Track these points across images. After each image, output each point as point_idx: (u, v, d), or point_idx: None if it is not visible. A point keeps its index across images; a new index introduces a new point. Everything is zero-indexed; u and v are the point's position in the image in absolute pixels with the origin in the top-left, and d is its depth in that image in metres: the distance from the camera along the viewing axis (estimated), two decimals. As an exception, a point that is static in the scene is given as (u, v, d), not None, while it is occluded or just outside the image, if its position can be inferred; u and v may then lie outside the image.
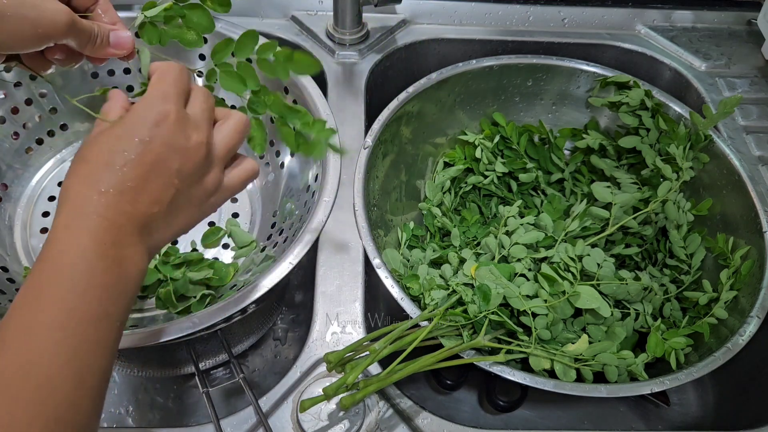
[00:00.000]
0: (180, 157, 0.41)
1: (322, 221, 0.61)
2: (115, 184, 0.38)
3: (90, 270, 0.36)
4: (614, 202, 0.64)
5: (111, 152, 0.39)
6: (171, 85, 0.42)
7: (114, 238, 0.38)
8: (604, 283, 0.59)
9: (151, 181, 0.40)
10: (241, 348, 0.71)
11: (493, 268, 0.58)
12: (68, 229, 0.37)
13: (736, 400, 0.69)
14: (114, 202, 0.38)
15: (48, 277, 0.36)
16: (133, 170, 0.39)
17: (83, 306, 0.36)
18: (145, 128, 0.39)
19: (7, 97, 0.70)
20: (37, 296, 0.35)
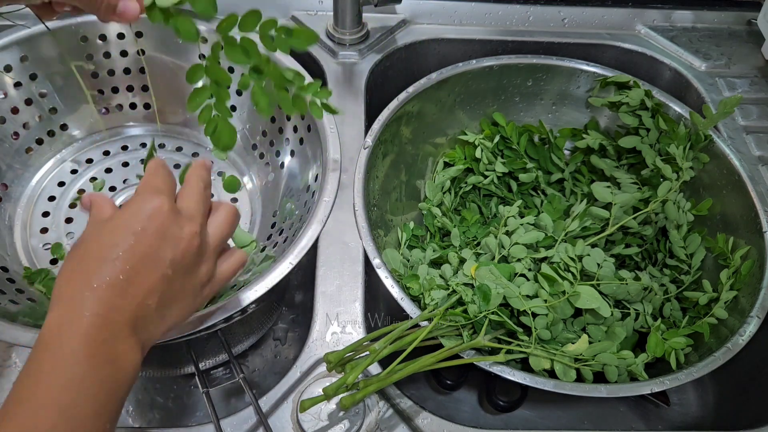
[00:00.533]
0: (173, 248, 0.40)
1: (322, 221, 0.61)
2: (107, 277, 0.38)
3: (82, 371, 0.36)
4: (614, 202, 0.64)
5: (102, 246, 0.39)
6: (163, 180, 0.43)
7: (106, 336, 0.37)
8: (604, 283, 0.59)
9: (144, 272, 0.39)
10: (241, 348, 0.71)
11: (493, 268, 0.58)
12: (59, 329, 0.37)
13: (736, 400, 0.69)
14: (106, 297, 0.37)
15: (38, 380, 0.35)
16: (124, 262, 0.38)
17: (76, 407, 0.35)
18: (138, 221, 0.40)
19: (7, 97, 0.70)
20: (29, 398, 0.35)
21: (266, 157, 0.75)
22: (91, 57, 0.74)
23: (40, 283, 0.63)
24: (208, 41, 0.75)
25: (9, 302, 0.59)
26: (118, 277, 0.38)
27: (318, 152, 0.67)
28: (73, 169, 0.75)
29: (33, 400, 0.35)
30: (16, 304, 0.59)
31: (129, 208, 0.41)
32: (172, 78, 0.77)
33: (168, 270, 0.40)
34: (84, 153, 0.76)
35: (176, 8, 0.48)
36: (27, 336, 0.52)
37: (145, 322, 0.40)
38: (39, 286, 0.63)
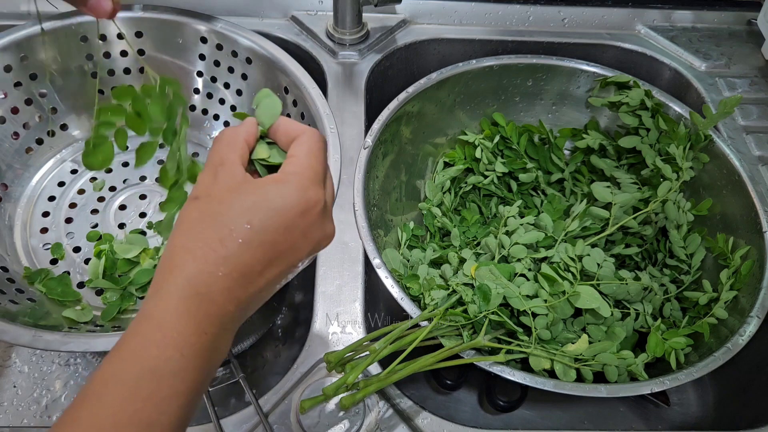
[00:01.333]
0: (311, 248, 0.37)
1: (322, 221, 0.61)
2: (240, 266, 0.33)
3: (182, 373, 0.32)
4: (614, 202, 0.64)
5: (246, 227, 0.34)
6: (321, 164, 0.37)
7: (217, 329, 0.33)
8: (604, 283, 0.59)
9: (275, 267, 0.35)
10: (241, 348, 0.71)
11: (493, 268, 0.58)
12: (168, 310, 0.32)
13: (736, 400, 0.69)
14: (232, 287, 0.33)
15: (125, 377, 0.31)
16: (264, 253, 0.34)
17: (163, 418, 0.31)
18: (290, 213, 0.35)
19: (7, 97, 0.70)
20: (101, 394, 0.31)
21: (266, 157, 0.75)
22: (91, 57, 0.74)
23: (40, 283, 0.63)
24: (208, 41, 0.75)
25: (9, 302, 0.59)
26: (254, 267, 0.34)
27: (318, 152, 0.67)
28: (73, 169, 0.75)
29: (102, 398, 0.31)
30: (16, 304, 0.59)
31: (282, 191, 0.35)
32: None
33: (297, 266, 0.37)
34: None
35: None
36: (27, 336, 0.52)
37: (250, 311, 0.37)
38: (39, 286, 0.63)
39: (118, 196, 0.73)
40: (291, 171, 0.36)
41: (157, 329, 0.32)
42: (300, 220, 0.35)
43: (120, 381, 0.31)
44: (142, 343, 0.32)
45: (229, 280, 0.33)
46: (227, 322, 0.34)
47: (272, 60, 0.72)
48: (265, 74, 0.73)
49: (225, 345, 0.35)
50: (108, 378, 0.31)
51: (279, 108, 0.40)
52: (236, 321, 0.35)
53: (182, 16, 0.74)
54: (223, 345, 0.34)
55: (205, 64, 0.76)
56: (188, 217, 0.35)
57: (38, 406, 0.64)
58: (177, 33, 0.75)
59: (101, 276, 0.64)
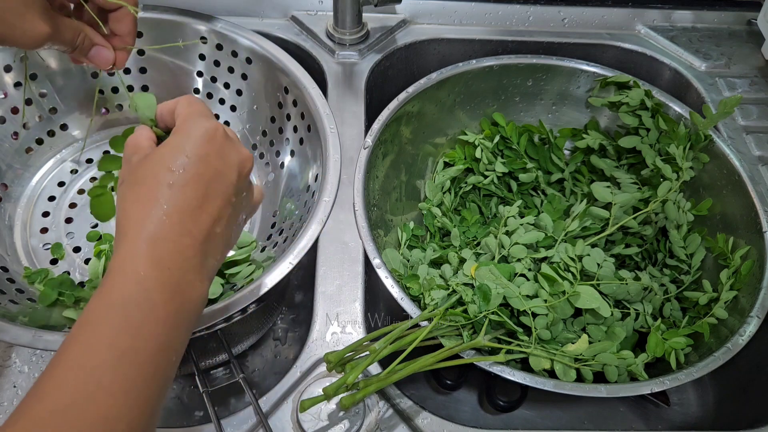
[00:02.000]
0: (235, 172, 0.40)
1: (322, 221, 0.61)
2: (179, 203, 0.37)
3: (148, 304, 0.35)
4: (614, 202, 0.64)
5: (169, 171, 0.37)
6: (202, 106, 0.42)
7: (178, 264, 0.36)
8: (604, 283, 0.59)
9: (212, 198, 0.38)
10: (241, 348, 0.71)
11: (493, 268, 0.58)
12: (126, 259, 0.35)
13: (736, 400, 0.69)
14: (178, 222, 0.36)
15: (99, 315, 0.34)
16: (195, 188, 0.37)
17: (139, 344, 0.34)
18: (198, 144, 0.38)
19: (7, 97, 0.70)
20: (88, 336, 0.34)
21: (266, 157, 0.75)
22: (91, 57, 0.74)
23: (40, 283, 0.63)
24: (208, 41, 0.75)
25: (9, 302, 0.59)
26: (191, 201, 0.37)
27: (318, 152, 0.67)
28: (73, 169, 0.75)
29: (92, 334, 0.34)
30: (16, 304, 0.59)
31: (184, 133, 0.39)
32: (172, 78, 0.77)
33: (232, 195, 0.40)
34: (84, 153, 0.76)
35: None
36: (27, 336, 0.52)
37: (213, 250, 0.39)
38: (39, 286, 0.63)
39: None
40: (180, 120, 0.41)
41: (119, 273, 0.35)
42: (209, 146, 0.39)
43: (91, 319, 0.34)
44: (107, 286, 0.35)
45: (174, 218, 0.36)
46: (188, 257, 0.37)
47: (272, 60, 0.72)
48: (265, 74, 0.73)
49: (195, 287, 0.37)
50: (83, 320, 0.34)
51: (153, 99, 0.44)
52: (200, 257, 0.38)
53: (182, 16, 0.74)
54: (192, 286, 0.37)
55: (205, 64, 0.76)
56: (121, 194, 0.38)
57: (38, 406, 0.64)
58: (177, 33, 0.75)
59: (101, 276, 0.64)
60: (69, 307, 0.61)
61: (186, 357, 0.61)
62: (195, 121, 0.40)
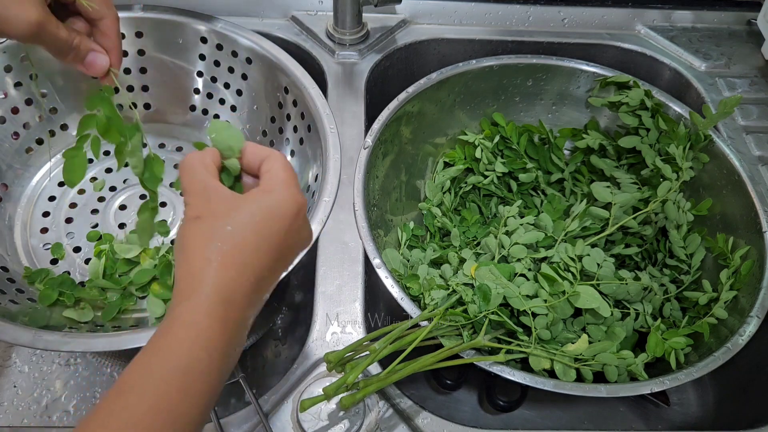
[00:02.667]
0: (302, 247, 0.42)
1: (322, 221, 0.61)
2: (258, 270, 0.37)
3: (209, 374, 0.35)
4: (614, 202, 0.64)
5: (258, 235, 0.38)
6: (295, 174, 0.42)
7: (237, 332, 0.37)
8: (604, 283, 0.59)
9: (280, 268, 0.40)
10: (241, 348, 0.71)
11: (493, 268, 0.58)
12: (199, 314, 0.35)
13: (736, 399, 0.69)
14: (252, 290, 0.37)
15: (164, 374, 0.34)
16: (272, 258, 0.38)
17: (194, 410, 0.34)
18: (290, 217, 0.39)
19: (7, 97, 0.70)
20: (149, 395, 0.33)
21: (266, 157, 0.75)
22: (91, 57, 0.74)
23: (40, 283, 0.63)
24: (208, 41, 0.75)
25: (9, 302, 0.59)
26: (267, 270, 0.38)
27: (318, 152, 0.67)
28: (73, 169, 0.75)
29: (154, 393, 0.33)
30: (16, 304, 0.59)
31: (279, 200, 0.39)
32: (172, 78, 0.77)
33: (290, 264, 0.42)
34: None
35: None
36: (27, 336, 0.52)
37: (257, 311, 0.40)
38: (39, 286, 0.63)
39: (118, 196, 0.73)
40: (276, 182, 0.40)
41: (189, 331, 0.35)
42: (294, 223, 0.40)
43: (154, 376, 0.33)
44: (175, 343, 0.34)
45: (248, 285, 0.37)
46: (245, 324, 0.38)
47: (272, 60, 0.72)
48: (265, 74, 0.73)
49: (241, 346, 0.38)
50: (142, 373, 0.34)
51: (241, 134, 0.44)
52: (249, 322, 0.39)
53: (182, 16, 0.74)
54: (240, 346, 0.38)
55: (205, 64, 0.76)
56: (199, 231, 0.38)
57: (38, 406, 0.64)
58: (177, 33, 0.75)
59: (101, 276, 0.64)
60: (69, 307, 0.61)
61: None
62: (291, 191, 0.40)
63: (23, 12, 0.44)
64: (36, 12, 0.45)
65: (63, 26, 0.48)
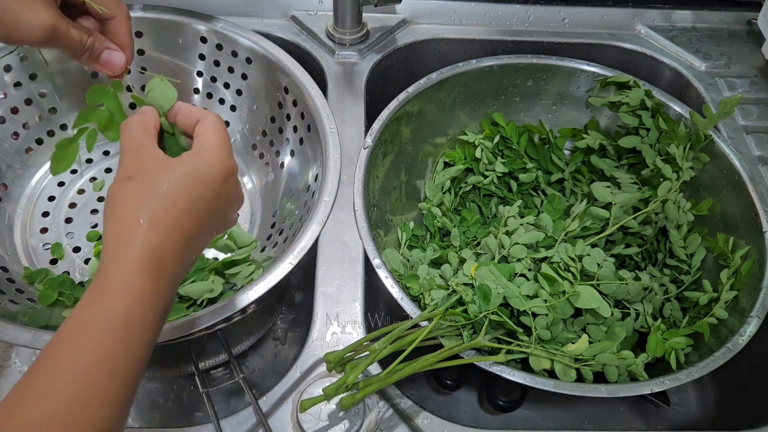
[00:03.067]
0: (231, 211, 0.44)
1: (322, 221, 0.61)
2: (187, 230, 0.39)
3: (145, 326, 0.36)
4: (614, 202, 0.64)
5: (187, 196, 0.39)
6: (228, 139, 0.43)
7: (170, 287, 0.39)
8: (604, 283, 0.59)
9: (208, 230, 0.41)
10: (241, 348, 0.71)
11: (493, 268, 0.57)
12: (130, 270, 0.37)
13: (736, 400, 0.69)
14: (181, 249, 0.39)
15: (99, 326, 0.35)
16: (201, 220, 0.40)
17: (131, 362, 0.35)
18: (220, 181, 0.41)
19: (7, 97, 0.70)
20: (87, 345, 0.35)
21: (266, 157, 0.75)
22: (91, 57, 0.74)
23: (40, 283, 0.63)
24: (208, 41, 0.75)
25: (9, 302, 0.59)
26: (195, 230, 0.39)
27: (318, 152, 0.67)
28: (73, 169, 0.75)
29: (91, 344, 0.34)
30: (16, 304, 0.59)
31: (209, 163, 0.41)
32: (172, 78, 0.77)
33: (220, 227, 0.43)
34: (84, 153, 0.76)
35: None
36: (27, 336, 0.52)
37: (187, 272, 0.42)
38: (39, 286, 0.63)
39: (118, 196, 0.73)
40: (207, 146, 0.41)
41: (123, 288, 0.36)
42: (224, 188, 0.41)
43: (91, 330, 0.35)
44: (110, 299, 0.36)
45: (178, 244, 0.39)
46: (176, 281, 0.39)
47: (272, 60, 0.72)
48: (265, 74, 0.73)
49: (171, 301, 0.40)
50: (81, 328, 0.35)
51: (175, 92, 0.45)
52: (179, 279, 0.40)
53: (182, 16, 0.74)
54: (171, 301, 0.40)
55: (204, 64, 0.76)
56: (129, 191, 0.39)
57: (38, 406, 0.64)
58: (177, 33, 0.75)
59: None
60: (69, 307, 0.61)
61: (186, 357, 0.62)
62: (220, 156, 0.41)
63: (36, 18, 0.44)
64: (49, 16, 0.45)
65: (75, 27, 0.47)
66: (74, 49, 0.47)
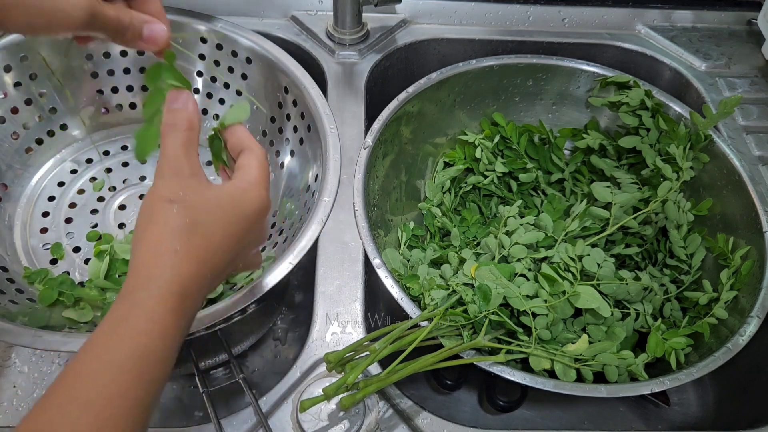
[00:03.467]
0: (259, 243, 0.44)
1: (322, 221, 0.61)
2: (218, 266, 0.39)
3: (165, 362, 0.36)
4: (614, 202, 0.64)
5: (223, 236, 0.39)
6: (268, 176, 0.43)
7: (189, 322, 0.38)
8: (604, 283, 0.59)
9: (236, 263, 0.42)
10: (241, 348, 0.71)
11: (493, 268, 0.57)
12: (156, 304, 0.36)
13: (736, 400, 0.69)
14: (206, 285, 0.38)
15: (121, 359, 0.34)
16: (232, 255, 0.40)
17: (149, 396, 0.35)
18: (254, 219, 0.41)
19: (7, 97, 0.70)
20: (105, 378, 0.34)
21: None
22: (90, 57, 0.74)
23: (40, 283, 0.63)
24: (208, 41, 0.75)
25: (9, 302, 0.59)
26: (222, 267, 0.39)
27: (318, 152, 0.67)
28: (73, 169, 0.75)
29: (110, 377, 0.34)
30: (16, 304, 0.59)
31: (251, 198, 0.41)
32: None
33: (242, 267, 0.44)
34: (84, 153, 0.76)
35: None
36: (27, 336, 0.52)
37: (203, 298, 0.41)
38: (39, 286, 0.63)
39: (118, 196, 0.73)
40: (250, 180, 0.41)
41: (147, 321, 0.35)
42: (258, 224, 0.41)
43: (113, 363, 0.34)
44: (132, 330, 0.35)
45: (205, 279, 0.38)
46: (195, 313, 0.39)
47: (272, 60, 0.72)
48: (265, 74, 0.73)
49: (187, 332, 0.39)
50: (100, 359, 0.34)
51: (246, 114, 0.44)
52: (197, 312, 0.40)
53: (182, 16, 0.74)
54: (187, 332, 0.39)
55: (204, 64, 0.76)
56: (168, 215, 0.38)
57: (38, 406, 0.64)
58: (177, 33, 0.75)
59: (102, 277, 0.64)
60: (69, 307, 0.61)
61: (186, 357, 0.62)
62: (261, 193, 0.41)
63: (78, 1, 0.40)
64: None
65: (112, 7, 0.43)
66: (116, 29, 0.43)
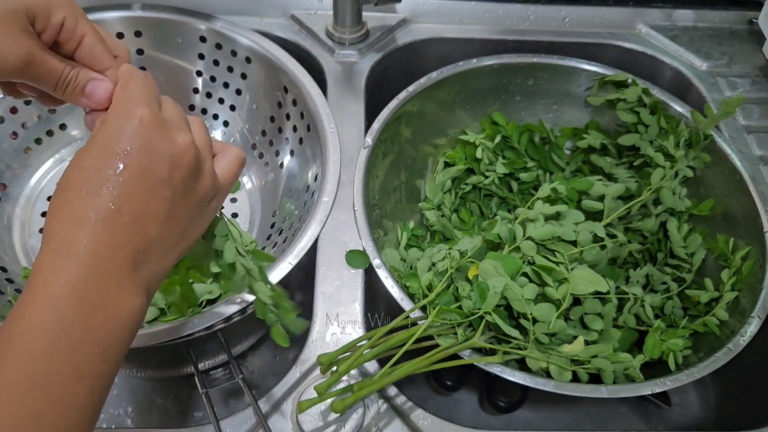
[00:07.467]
0: (167, 163, 0.35)
1: (321, 221, 0.61)
2: (96, 209, 0.32)
3: (60, 326, 0.31)
4: (606, 194, 0.64)
5: (86, 174, 0.33)
6: (139, 86, 0.36)
7: (98, 278, 0.32)
8: (587, 249, 0.57)
9: (138, 198, 0.34)
10: (241, 348, 0.71)
11: (498, 264, 0.56)
12: (41, 274, 0.32)
13: (737, 400, 0.69)
14: (95, 232, 0.32)
15: (8, 337, 0.30)
16: (113, 190, 0.33)
17: (49, 372, 0.30)
18: (120, 139, 0.34)
19: (6, 97, 0.70)
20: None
21: (265, 157, 0.75)
22: (90, 56, 0.74)
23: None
24: (208, 40, 0.75)
25: (8, 302, 0.59)
26: (108, 208, 0.33)
27: (318, 152, 0.67)
28: (73, 168, 0.74)
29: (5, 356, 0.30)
30: (14, 305, 0.59)
31: (106, 127, 0.34)
32: (172, 77, 0.77)
33: (166, 191, 0.35)
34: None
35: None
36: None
37: (149, 256, 0.35)
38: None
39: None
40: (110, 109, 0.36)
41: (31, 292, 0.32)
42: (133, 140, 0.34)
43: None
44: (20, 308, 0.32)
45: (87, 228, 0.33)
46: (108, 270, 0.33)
47: (272, 59, 0.72)
48: (265, 73, 0.73)
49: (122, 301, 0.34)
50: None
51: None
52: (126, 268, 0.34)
53: (181, 16, 0.74)
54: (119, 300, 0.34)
55: (204, 63, 0.76)
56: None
57: (37, 406, 0.64)
58: (176, 32, 0.75)
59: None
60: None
61: (185, 357, 0.61)
62: (120, 110, 0.35)
63: (11, 46, 0.35)
64: (24, 44, 0.35)
65: (57, 57, 0.38)
66: (55, 81, 0.38)
